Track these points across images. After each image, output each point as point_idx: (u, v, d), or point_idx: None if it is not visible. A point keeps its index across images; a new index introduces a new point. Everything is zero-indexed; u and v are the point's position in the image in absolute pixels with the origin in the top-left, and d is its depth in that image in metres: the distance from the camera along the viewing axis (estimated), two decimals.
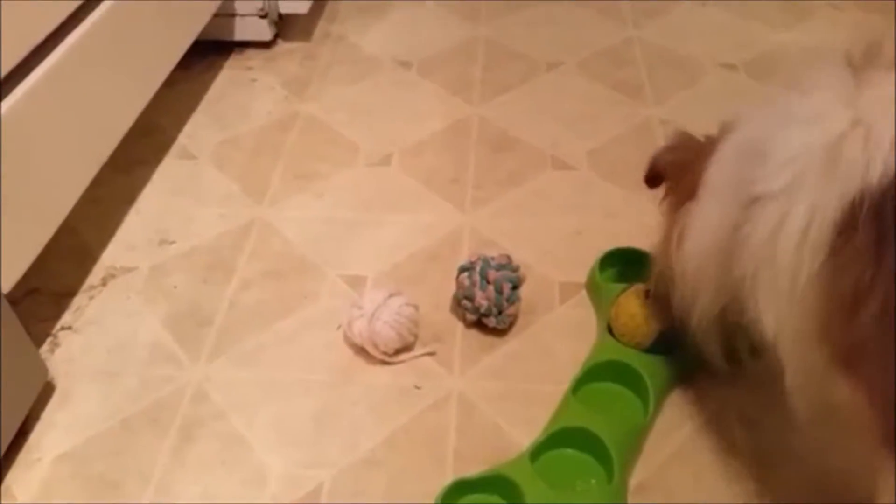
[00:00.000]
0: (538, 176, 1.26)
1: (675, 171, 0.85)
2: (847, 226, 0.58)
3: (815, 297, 0.62)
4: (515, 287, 0.99)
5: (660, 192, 0.90)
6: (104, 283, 1.09)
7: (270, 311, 1.03)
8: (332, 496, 0.82)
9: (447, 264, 1.06)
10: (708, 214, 0.76)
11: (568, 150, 1.31)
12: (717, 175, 0.75)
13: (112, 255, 1.14)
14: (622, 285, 0.98)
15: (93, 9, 1.03)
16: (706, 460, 0.84)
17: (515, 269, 1.00)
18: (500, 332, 0.99)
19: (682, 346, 0.91)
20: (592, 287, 1.04)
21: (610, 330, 0.95)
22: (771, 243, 0.65)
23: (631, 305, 0.93)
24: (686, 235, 0.79)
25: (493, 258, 1.00)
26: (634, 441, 0.84)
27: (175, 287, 1.08)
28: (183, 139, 1.37)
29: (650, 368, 0.89)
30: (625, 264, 1.04)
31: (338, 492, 0.83)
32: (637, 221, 1.15)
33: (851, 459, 0.81)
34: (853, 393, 0.60)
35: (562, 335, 0.99)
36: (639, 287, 0.95)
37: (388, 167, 1.28)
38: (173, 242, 1.15)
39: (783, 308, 0.66)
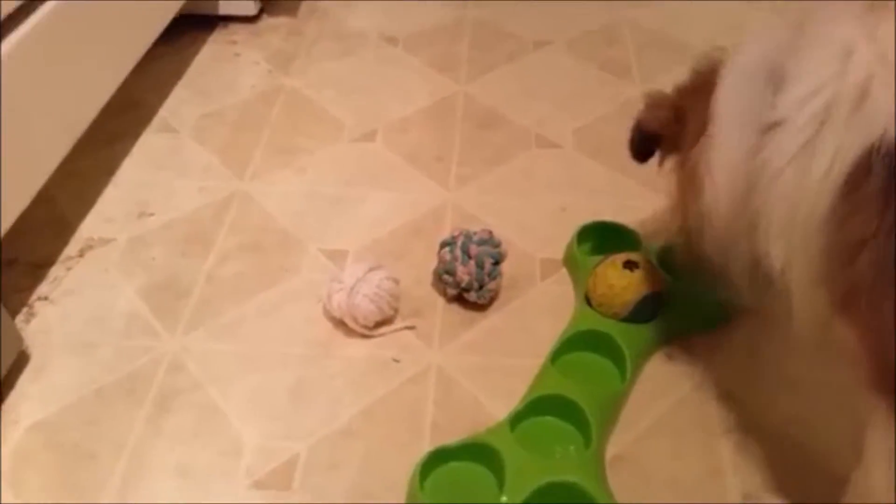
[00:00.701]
0: (523, 154, 1.25)
1: (670, 125, 0.82)
2: (861, 170, 0.57)
3: (820, 236, 0.60)
4: (497, 262, 0.98)
5: (650, 164, 0.89)
6: (82, 254, 1.08)
7: (249, 285, 1.02)
8: (307, 467, 0.82)
9: (429, 240, 1.05)
10: (728, 150, 0.71)
11: (554, 129, 1.30)
12: (729, 102, 0.71)
13: (90, 226, 1.12)
14: (600, 257, 0.98)
15: None
16: (684, 433, 0.84)
17: (497, 245, 1.00)
18: (480, 307, 0.99)
19: (661, 314, 0.92)
20: (570, 260, 1.04)
21: (588, 301, 0.95)
22: (787, 174, 0.62)
23: (609, 276, 0.93)
24: (707, 177, 0.74)
25: (474, 233, 0.99)
26: (612, 408, 0.85)
27: (153, 259, 1.06)
28: (164, 113, 1.36)
29: (628, 337, 0.89)
30: (603, 238, 1.04)
31: (313, 462, 0.82)
32: (621, 200, 1.15)
33: (829, 434, 0.82)
34: (847, 333, 0.60)
35: (543, 311, 0.98)
36: (616, 258, 0.94)
37: (373, 143, 1.27)
38: (152, 215, 1.14)
39: (791, 242, 0.64)
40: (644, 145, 0.87)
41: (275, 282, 1.02)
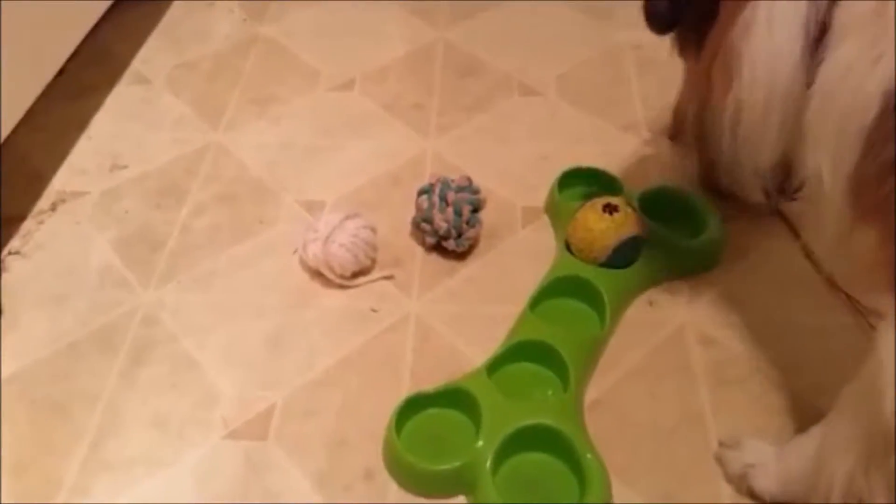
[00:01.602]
0: (504, 101, 1.23)
1: None
2: None
3: (858, 151, 0.57)
4: (476, 209, 0.97)
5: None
6: (54, 208, 1.05)
7: (224, 236, 1.00)
8: (284, 416, 0.81)
9: (408, 189, 1.03)
10: (773, 42, 0.64)
11: (535, 76, 1.27)
12: None
13: (62, 180, 1.10)
14: (579, 203, 0.96)
15: None
16: (663, 377, 0.83)
17: (476, 192, 0.98)
18: (460, 256, 0.97)
19: (640, 259, 0.91)
20: (551, 206, 1.02)
21: (568, 247, 0.94)
22: (847, 83, 0.57)
23: (588, 220, 0.91)
24: (743, 71, 0.66)
25: (452, 180, 0.97)
26: (591, 353, 0.84)
27: (126, 212, 1.04)
28: (137, 64, 1.32)
29: (607, 283, 0.88)
30: (584, 183, 1.03)
31: (290, 412, 0.81)
32: (603, 146, 1.13)
33: (811, 375, 0.82)
34: (869, 239, 0.57)
35: (523, 258, 0.97)
36: (596, 202, 0.93)
37: (350, 92, 1.24)
38: (125, 167, 1.11)
39: (834, 150, 0.59)
40: (679, 7, 0.75)
41: (250, 233, 1.01)
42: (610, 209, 0.91)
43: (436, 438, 0.77)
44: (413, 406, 0.78)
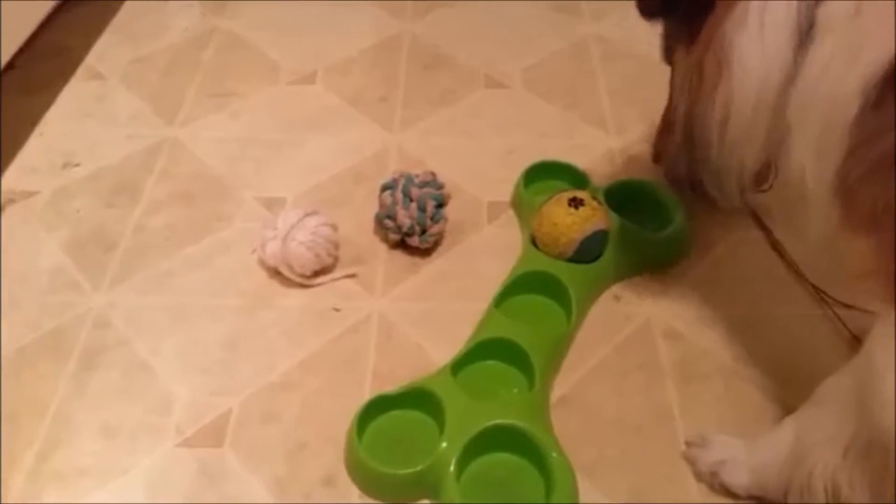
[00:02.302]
0: (471, 95, 1.20)
1: None
2: (891, 84, 0.52)
3: (845, 149, 0.56)
4: (440, 205, 0.95)
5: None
6: (3, 208, 1.01)
7: (180, 236, 0.97)
8: (240, 422, 0.78)
9: (372, 185, 1.00)
10: (764, 39, 0.63)
11: (502, 69, 1.25)
12: None
13: (12, 178, 1.06)
14: (546, 196, 0.94)
15: None
16: (630, 374, 0.82)
17: (440, 187, 0.96)
18: (424, 253, 0.95)
19: (606, 253, 0.89)
20: (517, 200, 1.00)
21: (534, 241, 0.92)
22: (827, 77, 0.57)
23: (554, 214, 0.89)
24: (733, 67, 0.65)
25: (416, 175, 0.95)
26: (557, 350, 0.83)
27: (78, 211, 1.01)
28: (92, 59, 1.28)
29: (573, 278, 0.87)
30: (550, 177, 1.01)
31: (247, 417, 0.78)
32: (571, 140, 1.11)
33: (779, 370, 0.81)
34: (862, 246, 0.56)
35: (489, 254, 0.95)
36: (562, 196, 0.91)
37: (312, 86, 1.21)
38: (77, 165, 1.07)
39: (818, 150, 0.59)
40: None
41: (207, 232, 0.97)
42: (576, 203, 0.89)
43: (399, 441, 0.75)
44: (375, 408, 0.75)
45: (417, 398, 0.76)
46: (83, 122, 1.15)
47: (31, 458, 0.75)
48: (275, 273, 0.91)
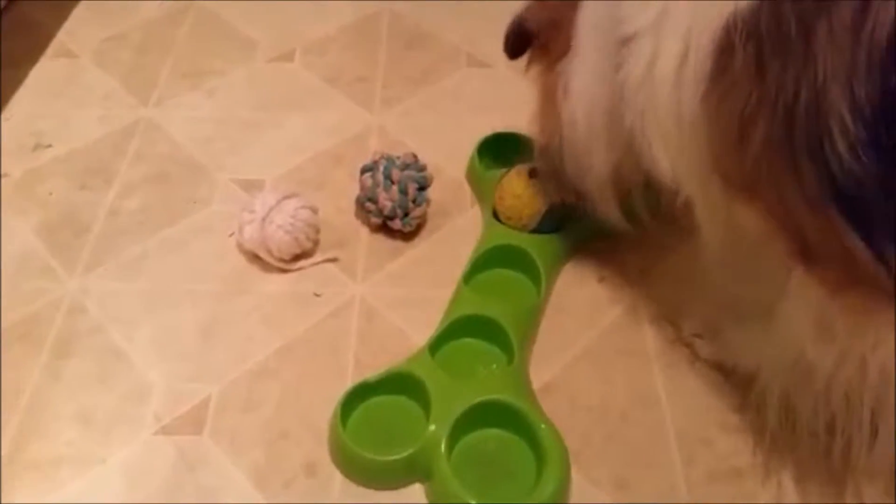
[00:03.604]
0: (452, 74, 1.18)
1: (547, 30, 0.79)
2: (724, 51, 0.56)
3: (703, 130, 0.59)
4: (422, 188, 0.93)
5: (523, 62, 0.84)
6: None
7: (155, 219, 0.95)
8: (219, 409, 0.76)
9: (352, 167, 0.98)
10: (586, 66, 0.72)
11: (484, 47, 1.22)
12: (587, 21, 0.71)
13: None
14: (504, 170, 0.93)
15: None
16: (615, 360, 0.81)
17: (422, 169, 0.94)
18: (406, 236, 0.93)
19: (569, 222, 0.90)
20: (473, 175, 1.00)
21: (496, 215, 0.91)
22: (649, 82, 0.62)
23: (515, 186, 0.89)
24: (567, 95, 0.75)
25: (397, 157, 0.93)
26: (530, 322, 0.83)
27: (50, 194, 0.98)
28: (62, 36, 1.24)
29: (539, 248, 0.87)
30: (504, 149, 1.00)
31: (226, 404, 0.77)
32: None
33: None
34: (754, 214, 0.60)
35: (472, 237, 0.93)
36: (521, 167, 0.91)
37: (290, 64, 1.19)
38: (49, 146, 1.04)
39: (675, 147, 0.64)
40: (518, 42, 0.83)
41: (183, 215, 0.95)
42: (536, 174, 0.88)
43: (384, 428, 0.74)
44: (356, 397, 0.74)
45: (399, 383, 0.75)
46: (54, 102, 1.12)
47: (5, 448, 0.73)
48: (253, 257, 0.89)
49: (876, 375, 0.58)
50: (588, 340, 0.83)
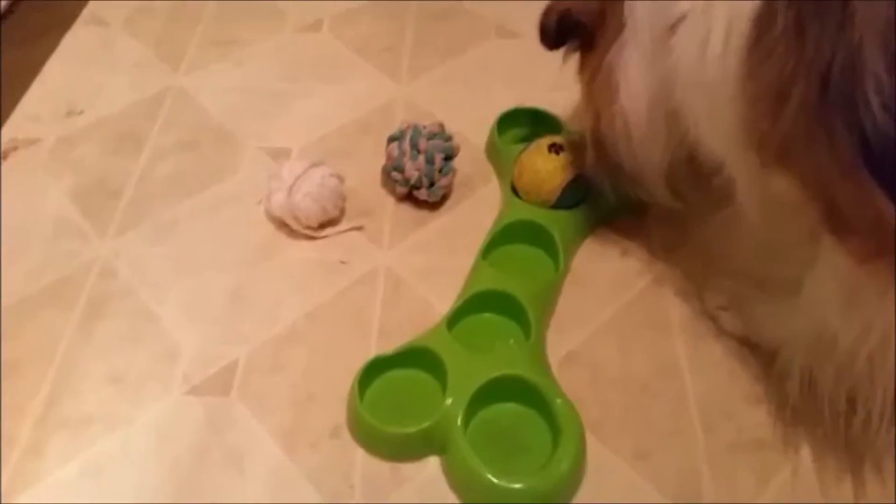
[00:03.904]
0: (481, 45, 1.18)
1: (596, 18, 0.78)
2: (766, 15, 0.55)
3: (741, 97, 0.59)
4: (448, 157, 0.93)
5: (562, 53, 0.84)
6: (5, 156, 1.00)
7: (185, 185, 0.96)
8: (247, 372, 0.78)
9: (379, 137, 0.98)
10: (638, 54, 0.71)
11: (514, 17, 1.22)
12: (636, 8, 0.71)
13: (14, 126, 1.05)
14: (523, 145, 0.93)
15: None
16: (636, 333, 0.81)
17: (448, 139, 0.94)
18: (432, 206, 0.94)
19: (589, 198, 0.90)
20: (492, 150, 1.00)
21: (515, 190, 0.91)
22: (701, 61, 0.62)
23: (535, 162, 0.89)
24: (623, 79, 0.74)
25: (424, 127, 0.93)
26: (548, 298, 0.83)
27: (83, 159, 0.99)
28: (94, 5, 1.26)
29: (558, 224, 0.87)
30: (523, 125, 1.00)
31: (254, 367, 0.78)
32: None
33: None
34: (789, 184, 0.59)
35: (497, 209, 0.93)
36: (541, 143, 0.90)
37: (318, 34, 1.19)
38: (81, 113, 1.06)
39: (719, 122, 0.63)
40: (562, 33, 0.81)
41: (212, 181, 0.96)
42: (556, 149, 0.88)
43: (401, 400, 0.74)
44: (374, 370, 0.75)
45: (416, 357, 0.75)
46: (86, 69, 1.13)
47: (37, 407, 0.75)
48: (281, 224, 0.90)
49: None
50: (610, 313, 0.83)
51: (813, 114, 0.53)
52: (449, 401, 0.71)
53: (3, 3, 1.03)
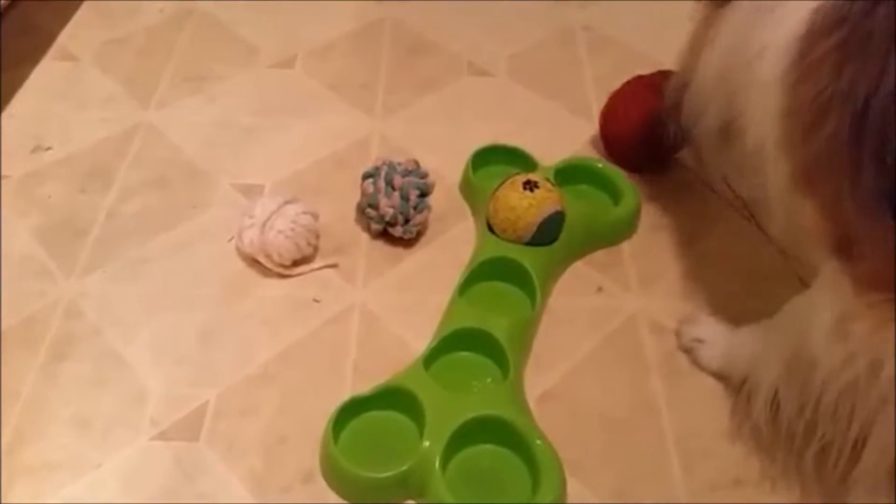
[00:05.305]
0: (454, 82, 1.18)
1: None
2: (812, 34, 0.57)
3: (782, 105, 0.60)
4: (423, 194, 0.93)
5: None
6: None
7: (154, 222, 0.94)
8: (217, 414, 0.76)
9: (353, 173, 0.97)
10: (737, 20, 0.70)
11: (486, 55, 1.23)
12: None
13: None
14: (497, 181, 0.93)
15: None
16: (614, 369, 0.81)
17: (423, 176, 0.94)
18: (407, 243, 0.93)
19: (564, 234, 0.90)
20: (467, 187, 1.00)
21: (490, 227, 0.91)
22: (773, 47, 0.62)
23: (510, 198, 0.89)
24: (713, 41, 0.74)
25: (399, 163, 0.93)
26: (525, 335, 0.82)
27: (49, 196, 0.97)
28: (64, 39, 1.24)
29: (533, 261, 0.87)
30: (498, 161, 1.01)
31: (224, 410, 0.76)
32: (555, 129, 1.10)
33: None
34: (807, 203, 0.60)
35: (473, 245, 0.93)
36: (515, 179, 0.90)
37: (291, 70, 1.19)
38: (49, 149, 1.04)
39: (762, 117, 0.64)
40: None
41: (182, 219, 0.95)
42: (530, 186, 0.89)
43: (377, 443, 0.72)
44: (349, 411, 0.73)
45: (392, 397, 0.74)
46: (54, 104, 1.11)
47: (1, 449, 0.73)
48: (253, 262, 0.89)
49: (886, 384, 0.58)
50: (588, 349, 0.83)
51: (842, 147, 0.54)
52: (426, 443, 0.70)
53: None
